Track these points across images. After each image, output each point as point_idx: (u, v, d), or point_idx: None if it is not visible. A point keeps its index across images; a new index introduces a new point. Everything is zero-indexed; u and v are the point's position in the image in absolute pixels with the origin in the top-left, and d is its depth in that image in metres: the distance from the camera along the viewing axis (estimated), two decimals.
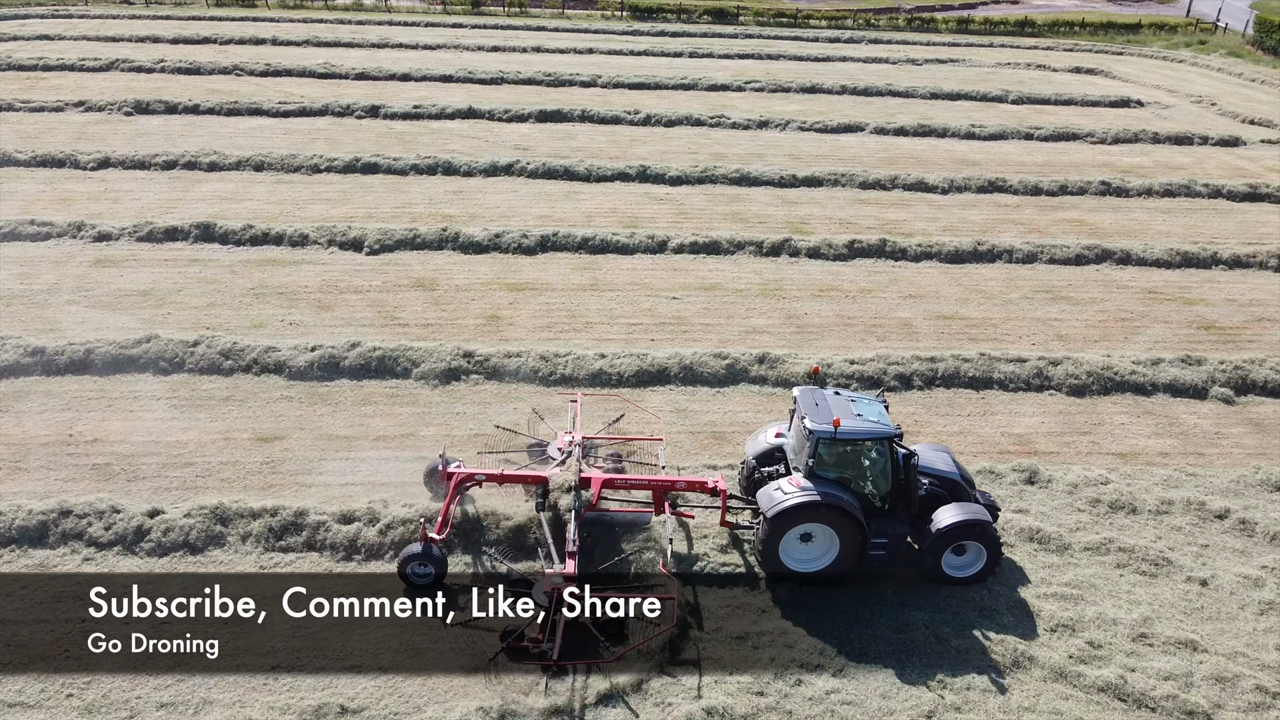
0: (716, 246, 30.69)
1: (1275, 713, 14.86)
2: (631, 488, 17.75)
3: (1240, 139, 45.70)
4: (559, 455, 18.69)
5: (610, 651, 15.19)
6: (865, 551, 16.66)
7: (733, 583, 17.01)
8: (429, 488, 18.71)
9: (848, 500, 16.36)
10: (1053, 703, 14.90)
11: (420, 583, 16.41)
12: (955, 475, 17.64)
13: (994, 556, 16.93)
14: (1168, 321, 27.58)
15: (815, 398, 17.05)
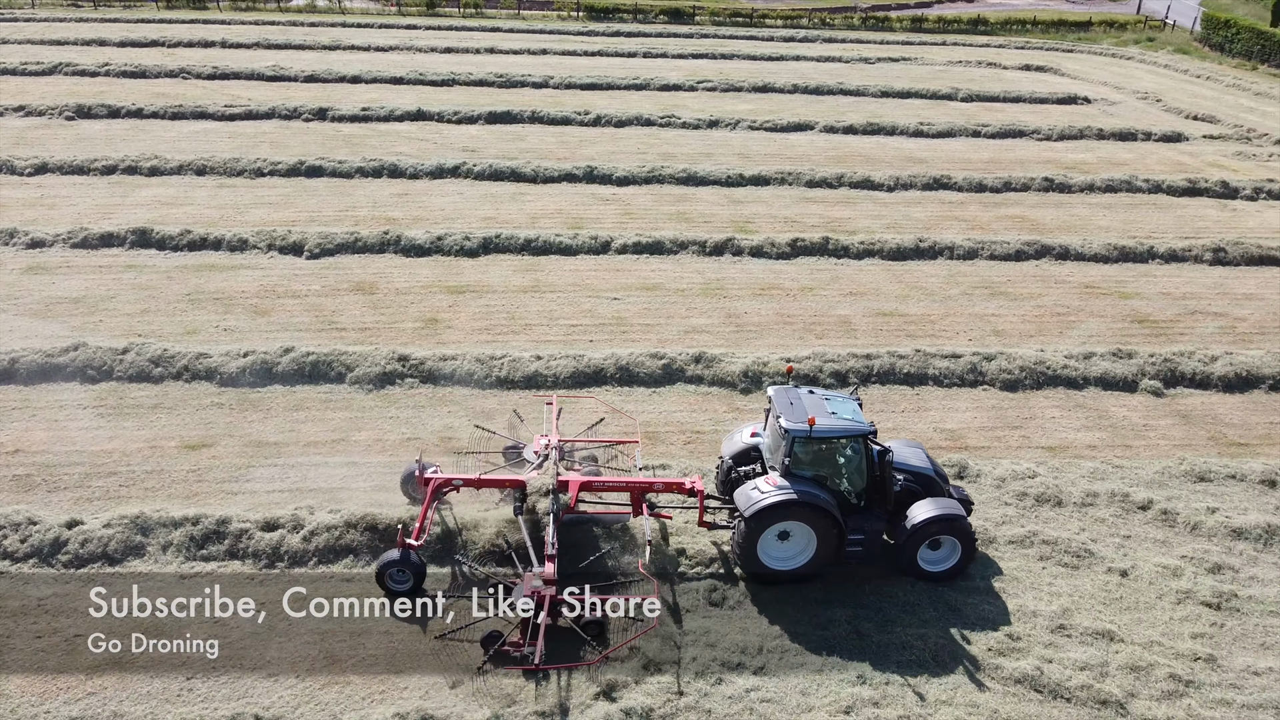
0: (660, 246, 30.73)
1: (1188, 700, 15.08)
2: (609, 489, 17.77)
3: (1183, 135, 46.37)
4: (535, 459, 18.64)
5: (596, 652, 15.22)
6: (843, 548, 16.81)
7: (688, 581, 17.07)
8: (405, 493, 18.58)
9: (824, 498, 16.47)
10: (970, 695, 15.04)
11: (399, 590, 16.31)
12: (929, 471, 17.84)
13: (968, 551, 17.12)
14: (1103, 316, 27.92)
15: (790, 397, 17.15)
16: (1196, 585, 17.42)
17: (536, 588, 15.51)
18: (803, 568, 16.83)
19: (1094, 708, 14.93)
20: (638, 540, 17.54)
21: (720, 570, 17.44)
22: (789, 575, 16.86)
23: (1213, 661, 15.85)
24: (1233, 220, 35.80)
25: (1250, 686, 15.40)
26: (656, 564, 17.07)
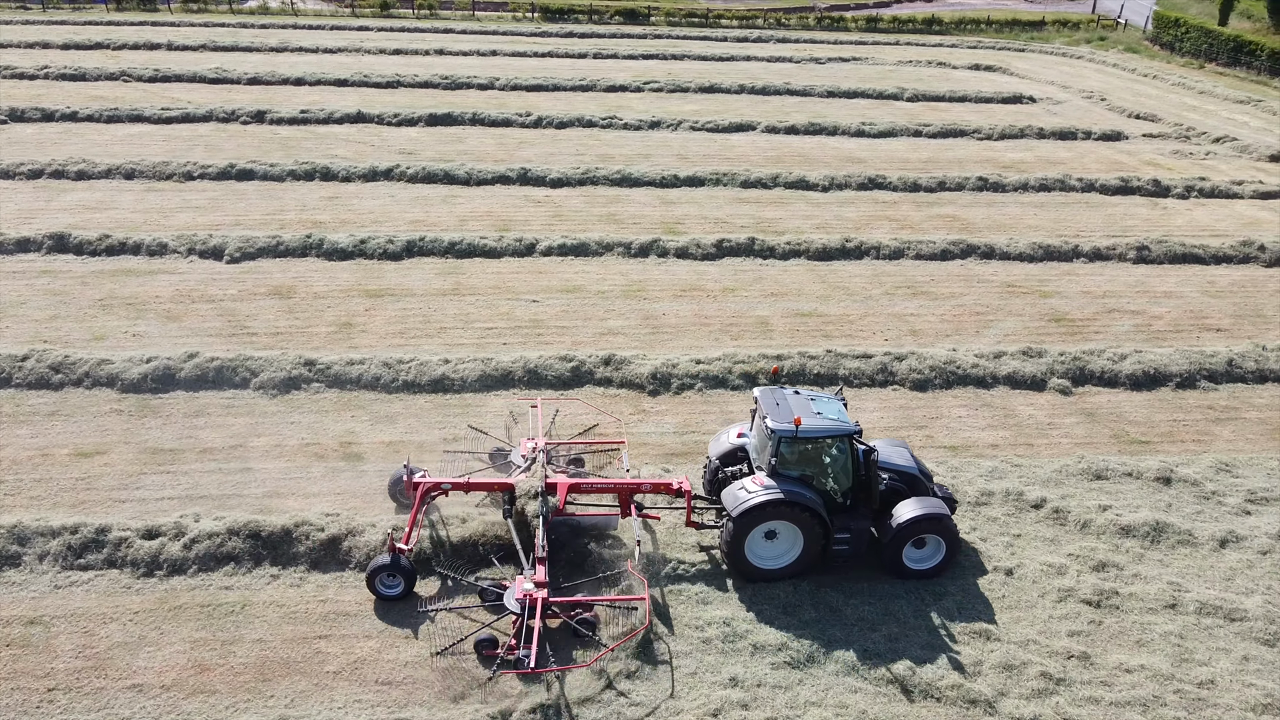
0: (585, 248, 30.69)
1: (1057, 698, 15.15)
2: (598, 491, 17.89)
3: (1123, 133, 46.72)
4: (523, 462, 18.73)
5: (589, 654, 15.36)
6: (829, 547, 17.03)
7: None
8: (393, 498, 18.64)
9: (811, 497, 16.64)
10: (840, 697, 15.05)
11: (389, 595, 16.36)
12: (914, 470, 18.03)
13: (952, 549, 17.31)
14: (1021, 315, 28.08)
15: (776, 398, 17.35)
16: (1079, 583, 17.52)
17: (528, 591, 15.53)
18: (790, 566, 17.05)
19: (963, 707, 14.98)
20: (627, 541, 17.72)
21: (709, 570, 17.52)
22: (777, 574, 17.05)
23: (1086, 659, 15.94)
24: (1162, 219, 36.09)
25: (1121, 684, 15.48)
26: (645, 564, 17.15)
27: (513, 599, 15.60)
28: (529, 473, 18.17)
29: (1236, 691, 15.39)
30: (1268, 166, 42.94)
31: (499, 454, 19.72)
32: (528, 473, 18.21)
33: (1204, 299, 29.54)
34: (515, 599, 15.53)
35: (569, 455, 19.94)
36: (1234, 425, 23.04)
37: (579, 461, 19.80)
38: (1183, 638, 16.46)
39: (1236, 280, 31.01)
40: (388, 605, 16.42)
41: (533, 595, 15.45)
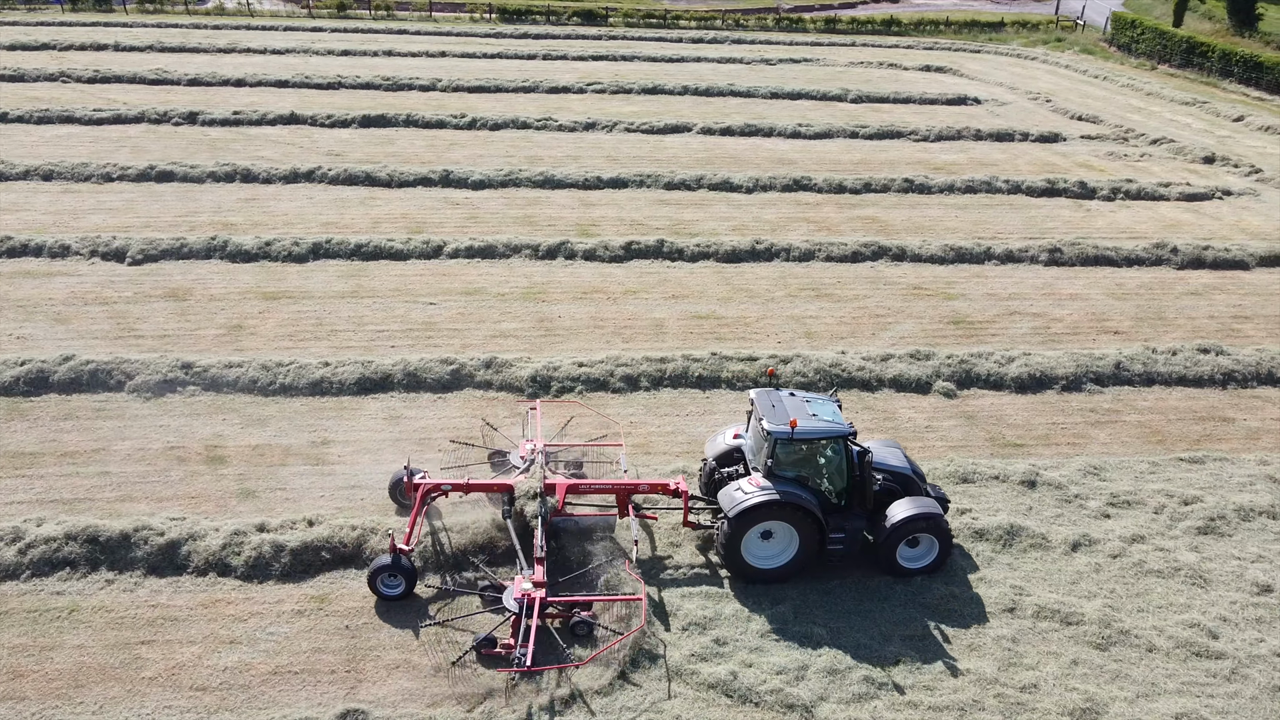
0: (492, 250, 30.63)
1: (877, 703, 15.10)
2: (596, 492, 18.18)
3: (1061, 135, 46.72)
4: (521, 464, 18.99)
5: (586, 652, 15.52)
6: (824, 547, 17.27)
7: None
8: (394, 499, 18.83)
9: (806, 498, 16.88)
10: (659, 701, 15.01)
11: (391, 594, 16.52)
12: (907, 470, 18.25)
13: (945, 548, 17.53)
14: (921, 317, 28.04)
15: (771, 399, 17.60)
16: (921, 590, 17.48)
17: (526, 590, 15.75)
18: (786, 566, 17.28)
19: (780, 712, 14.93)
20: (624, 541, 17.94)
21: (705, 570, 17.70)
22: (773, 574, 17.30)
23: (914, 664, 15.90)
24: (1084, 221, 36.09)
25: (943, 688, 15.44)
26: (642, 564, 17.39)
27: (511, 598, 15.83)
28: (528, 474, 18.52)
29: (1057, 696, 15.35)
30: (1200, 168, 42.97)
31: (497, 457, 19.87)
32: (526, 474, 18.54)
33: (1109, 301, 29.53)
34: (514, 598, 15.77)
35: (570, 457, 20.11)
36: (1112, 428, 23.02)
37: (577, 463, 19.95)
38: (1015, 641, 16.43)
39: (1145, 283, 31.01)
40: (211, 611, 16.37)
41: (531, 595, 15.68)
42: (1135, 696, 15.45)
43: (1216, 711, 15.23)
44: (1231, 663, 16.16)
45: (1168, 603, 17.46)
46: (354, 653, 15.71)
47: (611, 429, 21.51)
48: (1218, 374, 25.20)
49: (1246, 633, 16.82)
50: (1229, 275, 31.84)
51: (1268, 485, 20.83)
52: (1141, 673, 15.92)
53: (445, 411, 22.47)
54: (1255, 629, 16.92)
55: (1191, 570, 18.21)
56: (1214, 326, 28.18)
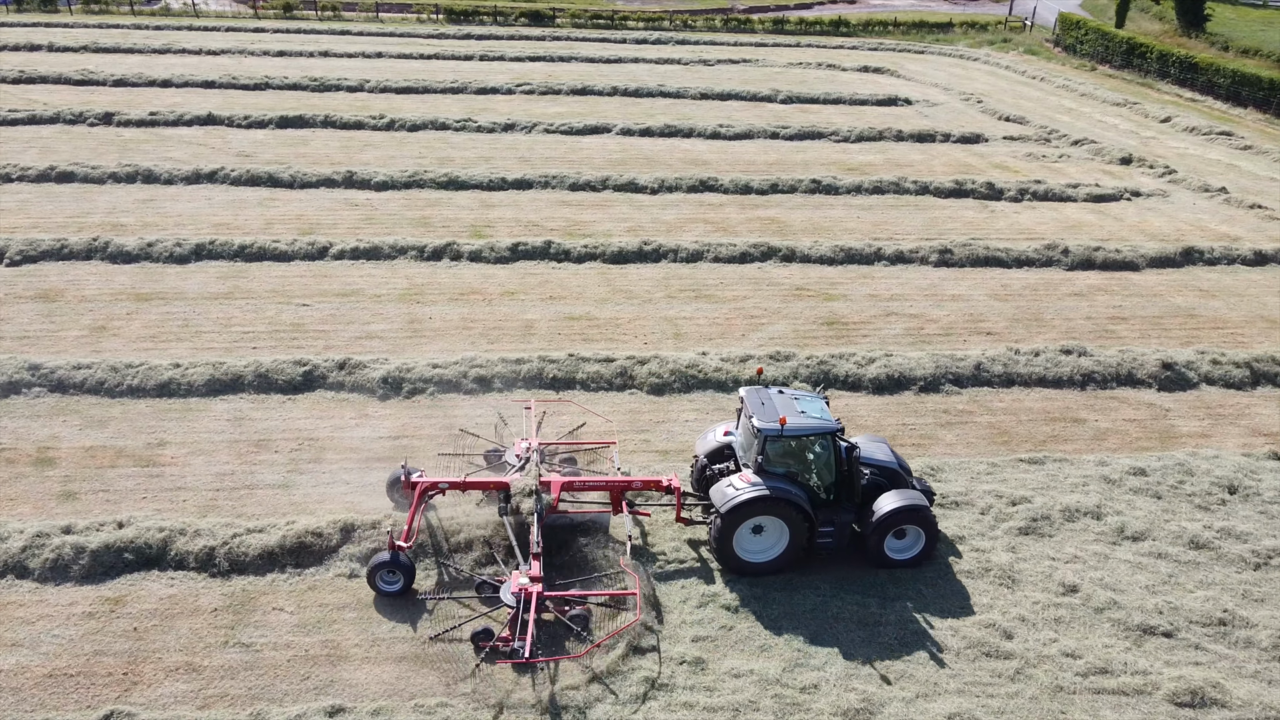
0: (378, 252, 30.62)
1: (652, 703, 15.08)
2: (590, 489, 18.65)
3: (983, 136, 46.84)
4: (517, 461, 19.31)
5: (582, 645, 15.85)
6: (814, 540, 17.72)
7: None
8: (391, 498, 19.00)
9: (796, 493, 17.31)
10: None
11: (389, 591, 16.80)
12: (894, 464, 18.67)
13: (931, 539, 17.99)
14: (796, 318, 28.08)
15: (761, 397, 18.01)
16: (720, 592, 17.47)
17: (523, 585, 16.14)
18: (777, 560, 17.67)
19: (552, 714, 14.94)
20: (618, 537, 18.30)
21: (698, 564, 18.02)
22: (764, 567, 17.70)
23: (700, 665, 15.90)
24: (985, 221, 36.17)
25: (724, 689, 15.43)
26: (636, 559, 17.77)
27: (508, 593, 16.19)
28: (523, 472, 18.77)
29: (835, 696, 15.36)
30: (1115, 169, 43.10)
31: (493, 454, 20.15)
32: (522, 472, 18.79)
33: (990, 302, 29.60)
34: (511, 593, 16.14)
35: (564, 455, 20.50)
36: (961, 429, 23.07)
37: (571, 461, 20.30)
38: (808, 642, 16.44)
39: (1031, 284, 31.08)
40: (1, 614, 16.35)
41: (528, 589, 16.05)
42: (914, 696, 15.47)
43: (992, 711, 15.26)
44: (1018, 663, 16.19)
45: (971, 603, 17.51)
46: (135, 655, 15.68)
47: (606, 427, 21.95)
48: (1077, 375, 25.26)
49: (1042, 633, 16.85)
50: (1117, 276, 31.92)
51: (1100, 486, 20.89)
52: (926, 673, 15.95)
53: (292, 413, 22.45)
54: (1052, 629, 16.95)
55: (1002, 571, 18.25)
56: (1089, 328, 28.25)
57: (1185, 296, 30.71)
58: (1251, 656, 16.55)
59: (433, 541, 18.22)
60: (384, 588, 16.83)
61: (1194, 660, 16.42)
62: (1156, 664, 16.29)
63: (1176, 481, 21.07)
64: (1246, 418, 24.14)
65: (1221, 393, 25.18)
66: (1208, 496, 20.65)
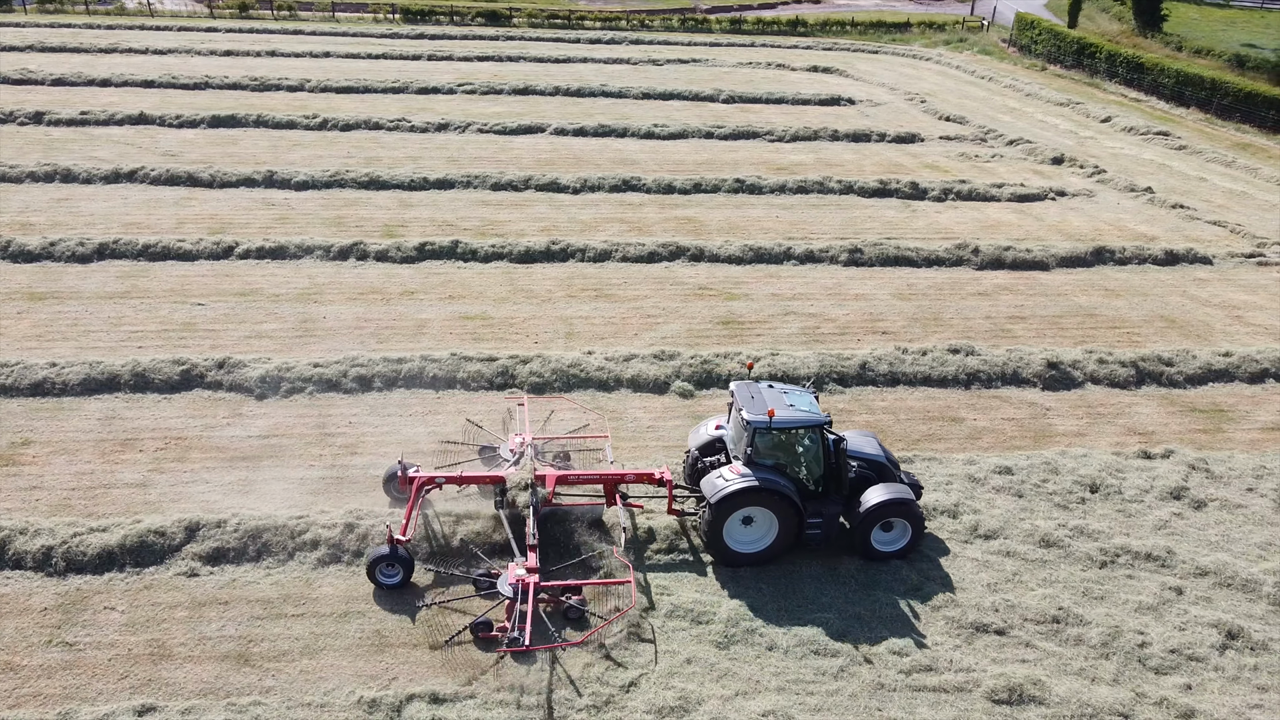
0: (284, 251, 30.62)
1: (465, 704, 15.14)
2: (584, 482, 19.08)
3: (920, 136, 46.93)
4: (511, 457, 19.75)
5: (578, 633, 16.34)
6: (802, 532, 18.09)
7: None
8: (388, 493, 19.42)
9: (784, 484, 17.69)
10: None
11: (388, 584, 17.14)
12: (882, 458, 18.97)
13: (918, 532, 18.37)
14: (694, 317, 28.11)
15: (750, 391, 18.45)
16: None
17: (520, 576, 16.64)
18: (766, 550, 18.06)
19: (363, 711, 14.98)
20: (612, 529, 18.78)
21: (689, 554, 18.47)
22: (753, 558, 18.11)
23: (520, 661, 15.93)
24: (905, 221, 36.25)
25: (539, 688, 15.48)
26: (630, 549, 18.26)
27: (506, 584, 16.65)
28: (519, 466, 19.13)
29: (653, 694, 15.33)
30: (1046, 169, 43.21)
31: (488, 450, 20.58)
32: (517, 466, 19.16)
33: (891, 301, 29.67)
34: (508, 584, 16.59)
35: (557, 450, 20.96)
36: (839, 428, 22.91)
37: (565, 456, 20.75)
38: (636, 640, 16.46)
39: (938, 283, 31.16)
40: None
41: (525, 580, 16.55)
42: (733, 694, 15.52)
43: (809, 709, 15.32)
44: (844, 660, 16.25)
45: (811, 601, 17.56)
46: None
47: (597, 422, 22.40)
48: (963, 374, 25.33)
49: (875, 631, 16.91)
50: (1025, 276, 32.01)
51: (963, 485, 20.94)
52: (750, 671, 16.00)
53: (166, 412, 22.44)
54: (886, 627, 17.01)
55: (849, 570, 18.29)
56: (986, 327, 28.34)
57: (1090, 296, 30.80)
58: (1079, 654, 16.63)
59: (428, 535, 18.57)
60: (384, 581, 17.15)
61: (1021, 658, 16.50)
62: (983, 661, 16.37)
63: (1040, 480, 21.14)
64: (1125, 417, 24.24)
65: (1105, 392, 25.27)
66: (1068, 495, 20.73)
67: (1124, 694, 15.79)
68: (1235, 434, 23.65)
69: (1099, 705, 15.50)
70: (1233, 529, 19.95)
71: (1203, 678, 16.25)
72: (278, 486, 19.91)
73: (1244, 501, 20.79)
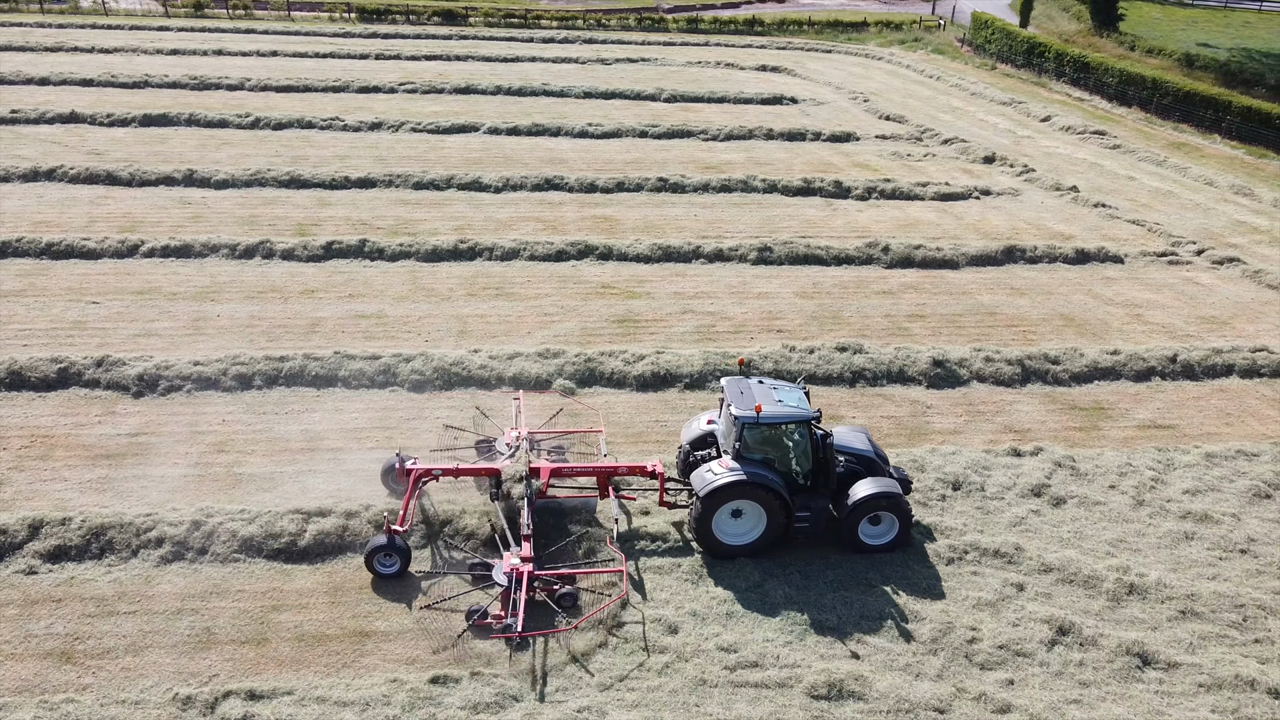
0: (188, 250, 30.64)
1: (277, 702, 15.20)
2: (578, 475, 19.56)
3: (855, 135, 47.04)
4: (507, 450, 20.23)
5: (568, 622, 16.66)
6: (791, 525, 18.39)
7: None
8: (386, 485, 19.78)
9: (772, 478, 18.05)
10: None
11: (386, 573, 17.56)
12: (870, 453, 19.33)
13: (905, 526, 18.71)
14: (590, 316, 28.16)
15: (740, 386, 18.84)
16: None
17: (515, 565, 17.05)
18: (755, 542, 18.39)
19: (176, 708, 15.03)
20: (605, 520, 19.24)
21: (680, 545, 18.84)
22: (742, 550, 18.43)
23: (352, 666, 16.02)
24: (824, 219, 36.34)
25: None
26: (622, 540, 18.71)
27: (500, 573, 17.10)
28: (514, 459, 19.54)
29: (470, 690, 15.44)
30: (975, 168, 43.35)
31: (484, 444, 20.99)
32: (512, 459, 19.56)
33: (793, 300, 29.75)
34: (503, 573, 17.05)
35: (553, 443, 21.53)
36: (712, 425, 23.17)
37: (560, 449, 21.26)
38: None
39: (844, 281, 31.25)
40: None
41: (519, 569, 16.98)
42: (554, 691, 15.58)
43: (626, 705, 15.37)
44: (671, 656, 16.28)
45: (651, 598, 17.60)
46: None
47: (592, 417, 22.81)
48: (848, 372, 25.41)
49: (710, 627, 16.93)
50: (933, 274, 32.12)
51: None
52: (575, 668, 16.03)
53: (38, 410, 22.44)
54: (720, 624, 17.03)
55: (693, 568, 18.33)
56: (883, 325, 28.43)
57: (994, 295, 30.92)
58: (908, 650, 16.70)
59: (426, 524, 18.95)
60: (381, 570, 17.52)
61: (849, 654, 16.57)
62: (810, 658, 16.43)
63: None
64: (1005, 414, 24.34)
65: (989, 390, 25.38)
66: (929, 493, 20.79)
67: (945, 689, 15.87)
68: (1110, 432, 23.76)
69: (916, 701, 15.58)
70: (1086, 526, 20.05)
71: (1026, 673, 16.33)
72: (135, 484, 19.94)
73: (1103, 499, 20.89)
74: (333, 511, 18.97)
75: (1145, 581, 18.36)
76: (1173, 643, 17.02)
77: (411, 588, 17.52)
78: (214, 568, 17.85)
